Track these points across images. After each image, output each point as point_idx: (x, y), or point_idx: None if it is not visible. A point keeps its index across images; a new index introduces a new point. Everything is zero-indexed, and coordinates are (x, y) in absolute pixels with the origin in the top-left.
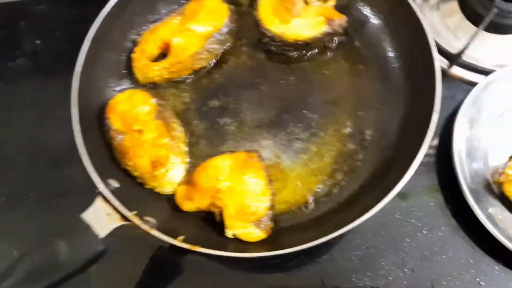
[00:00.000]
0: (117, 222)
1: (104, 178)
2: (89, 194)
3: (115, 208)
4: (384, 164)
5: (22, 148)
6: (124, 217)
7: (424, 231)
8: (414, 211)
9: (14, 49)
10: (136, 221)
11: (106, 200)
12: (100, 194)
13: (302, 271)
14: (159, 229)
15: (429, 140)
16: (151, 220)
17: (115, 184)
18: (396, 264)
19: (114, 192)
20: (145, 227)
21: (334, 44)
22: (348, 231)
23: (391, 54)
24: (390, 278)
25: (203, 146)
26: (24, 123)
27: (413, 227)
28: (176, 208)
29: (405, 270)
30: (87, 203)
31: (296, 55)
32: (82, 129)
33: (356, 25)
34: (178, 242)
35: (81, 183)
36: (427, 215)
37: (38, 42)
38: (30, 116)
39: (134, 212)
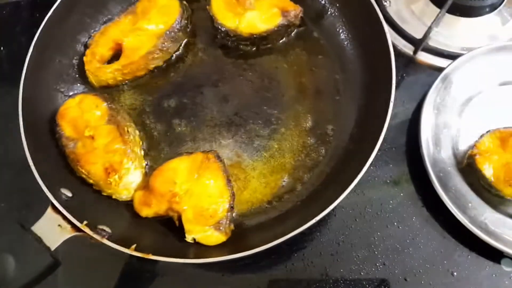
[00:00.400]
0: (69, 233)
1: (55, 188)
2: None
3: (66, 219)
4: (345, 157)
5: None
6: (77, 228)
7: (395, 224)
8: (384, 204)
9: None
10: (88, 231)
11: (57, 210)
12: (51, 204)
13: (273, 270)
14: (112, 238)
15: (385, 130)
16: (106, 229)
17: (67, 193)
18: (367, 258)
19: (67, 202)
20: (97, 237)
21: (291, 36)
22: (320, 227)
23: (348, 43)
24: (362, 273)
25: (161, 148)
26: None
27: (383, 220)
28: (135, 214)
29: (377, 264)
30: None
31: (253, 50)
32: (34, 138)
33: (313, 15)
34: (130, 251)
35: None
36: (397, 206)
37: (1, 48)
38: None
39: (85, 222)
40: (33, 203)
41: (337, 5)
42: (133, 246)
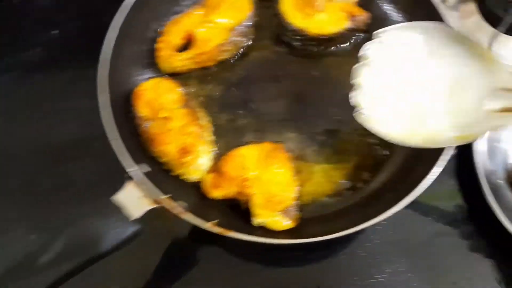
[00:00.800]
0: (149, 205)
1: (136, 162)
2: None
3: (146, 191)
4: (409, 161)
5: (35, 138)
6: (156, 201)
7: (442, 235)
8: (433, 213)
9: (29, 40)
10: (170, 204)
11: (136, 183)
12: (131, 177)
13: (321, 264)
14: (191, 212)
15: None
16: (182, 204)
17: (146, 168)
18: (410, 264)
19: (147, 175)
20: (178, 210)
21: (356, 41)
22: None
23: None
24: (400, 280)
25: (226, 137)
26: (36, 115)
27: (431, 229)
28: (202, 195)
29: (411, 274)
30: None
31: (316, 50)
32: (114, 114)
33: (378, 22)
34: (210, 226)
35: (96, 175)
36: (445, 217)
37: (53, 32)
38: (42, 108)
39: (168, 195)
40: (113, 174)
41: (403, 14)
42: (215, 221)
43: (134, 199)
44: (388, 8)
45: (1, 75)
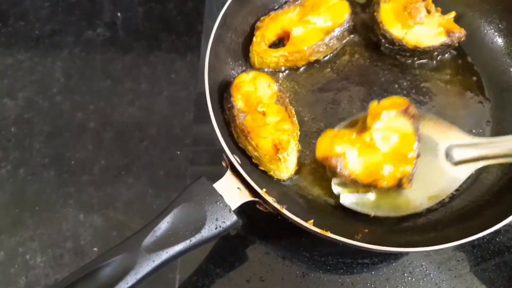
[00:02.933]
0: (248, 197)
1: (232, 152)
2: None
3: (244, 183)
4: (508, 179)
5: (92, 117)
6: (254, 193)
7: None
8: None
9: (95, 18)
10: (268, 198)
11: (235, 173)
12: (230, 166)
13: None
14: (289, 209)
15: None
16: (274, 199)
17: (238, 160)
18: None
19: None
20: (277, 205)
21: (446, 56)
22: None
23: (511, 72)
24: None
25: (312, 137)
26: (95, 92)
27: None
28: (285, 192)
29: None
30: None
31: (408, 62)
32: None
33: (470, 40)
34: (309, 225)
35: (152, 159)
36: None
37: (119, 14)
38: (101, 87)
39: (264, 190)
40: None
41: (503, 34)
42: (311, 221)
43: (234, 189)
44: (484, 26)
45: (61, 52)
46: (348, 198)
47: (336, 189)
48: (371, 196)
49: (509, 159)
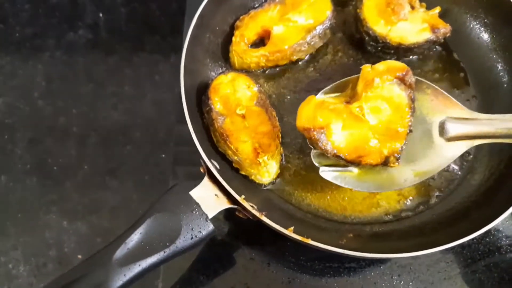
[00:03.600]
0: (225, 204)
1: (209, 158)
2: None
3: (222, 190)
4: (495, 179)
5: (75, 122)
6: (232, 201)
7: None
8: None
9: (76, 20)
10: (247, 205)
11: (213, 180)
12: (207, 173)
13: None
14: (268, 217)
15: None
16: (255, 206)
17: (217, 165)
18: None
19: (218, 173)
20: (256, 212)
21: (431, 53)
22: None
23: (498, 68)
24: None
25: (295, 140)
26: (77, 96)
27: None
28: (267, 198)
29: None
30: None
31: (392, 59)
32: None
33: (455, 36)
34: (288, 232)
35: (137, 164)
36: None
37: (101, 15)
38: (83, 90)
39: (243, 196)
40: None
41: (489, 29)
42: (291, 228)
43: (211, 196)
44: (470, 21)
45: (43, 55)
46: (328, 172)
47: (316, 160)
48: (354, 170)
49: (507, 139)
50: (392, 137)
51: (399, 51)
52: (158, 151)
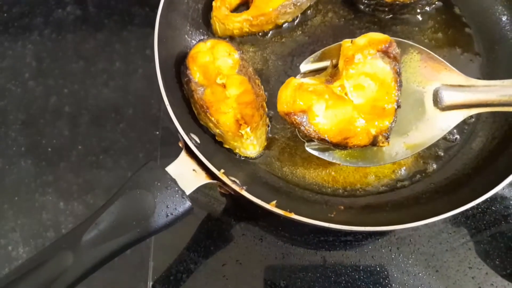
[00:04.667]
0: (204, 179)
1: (187, 132)
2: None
3: (200, 164)
4: (498, 143)
5: (67, 101)
6: (211, 175)
7: None
8: None
9: None
10: (226, 180)
11: (190, 155)
12: (185, 148)
13: (376, 252)
14: (249, 190)
15: None
16: (237, 181)
17: (196, 139)
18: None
19: (198, 148)
20: (235, 187)
21: (430, 9)
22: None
23: (503, 21)
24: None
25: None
26: (68, 75)
27: None
28: (252, 172)
29: None
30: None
31: (388, 17)
32: (165, 80)
33: None
34: (270, 206)
35: (130, 141)
36: None
37: None
38: (73, 68)
39: (222, 170)
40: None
41: None
42: (274, 202)
43: (189, 172)
44: None
45: (31, 34)
46: (315, 146)
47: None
48: None
49: (507, 108)
50: (379, 115)
51: (395, 8)
52: (152, 128)
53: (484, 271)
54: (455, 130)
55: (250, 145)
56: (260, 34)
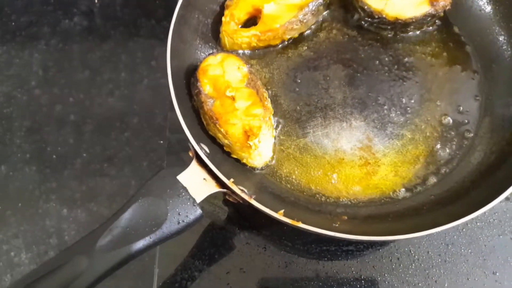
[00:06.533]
0: (214, 188)
1: (197, 142)
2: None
3: (211, 173)
4: (496, 157)
5: (72, 109)
6: (221, 184)
7: None
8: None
9: (71, 7)
10: (235, 189)
11: (201, 164)
12: (196, 157)
13: (376, 262)
14: (257, 199)
15: None
16: (245, 190)
17: (206, 149)
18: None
19: (208, 157)
20: (244, 196)
21: (430, 28)
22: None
23: (500, 41)
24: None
25: (289, 121)
26: (73, 84)
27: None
28: (260, 182)
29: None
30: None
31: (390, 35)
32: (176, 91)
33: (456, 9)
34: (278, 215)
35: (134, 150)
36: None
37: (96, 1)
38: (79, 78)
39: (232, 180)
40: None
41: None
42: (281, 211)
43: (199, 180)
44: None
45: (38, 43)
46: None
47: None
48: None
49: None
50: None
51: (397, 27)
52: (156, 137)
53: (482, 282)
54: (454, 146)
55: (257, 156)
56: (267, 48)
